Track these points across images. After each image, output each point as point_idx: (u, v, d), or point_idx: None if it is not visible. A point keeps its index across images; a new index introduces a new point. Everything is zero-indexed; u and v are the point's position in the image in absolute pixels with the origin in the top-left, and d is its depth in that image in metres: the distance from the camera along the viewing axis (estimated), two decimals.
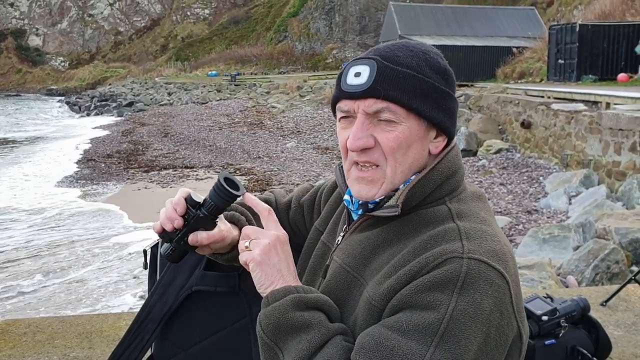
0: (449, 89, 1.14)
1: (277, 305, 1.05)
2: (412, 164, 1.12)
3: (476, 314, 0.96)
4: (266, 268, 1.10)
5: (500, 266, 1.01)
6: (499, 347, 1.00)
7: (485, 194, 1.23)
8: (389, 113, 1.08)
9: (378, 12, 55.01)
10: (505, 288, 1.01)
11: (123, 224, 10.36)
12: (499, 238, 1.06)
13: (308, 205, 1.46)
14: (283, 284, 1.08)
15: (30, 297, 6.83)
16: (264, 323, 1.06)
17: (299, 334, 1.03)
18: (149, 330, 1.55)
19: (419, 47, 1.15)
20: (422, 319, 0.96)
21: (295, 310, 1.05)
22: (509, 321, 1.02)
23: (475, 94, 18.66)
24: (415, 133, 1.10)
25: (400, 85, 1.08)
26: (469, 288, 0.97)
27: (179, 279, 1.55)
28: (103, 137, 23.22)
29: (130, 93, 45.02)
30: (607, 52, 17.82)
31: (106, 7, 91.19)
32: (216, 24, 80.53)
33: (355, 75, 1.10)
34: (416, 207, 1.12)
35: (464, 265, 0.98)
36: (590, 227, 5.96)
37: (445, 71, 1.14)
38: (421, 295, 0.98)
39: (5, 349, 2.54)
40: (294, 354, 1.02)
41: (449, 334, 0.94)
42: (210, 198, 1.20)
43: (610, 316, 2.98)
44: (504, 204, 9.53)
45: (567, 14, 30.34)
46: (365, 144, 1.09)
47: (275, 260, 1.10)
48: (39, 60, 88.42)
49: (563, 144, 11.38)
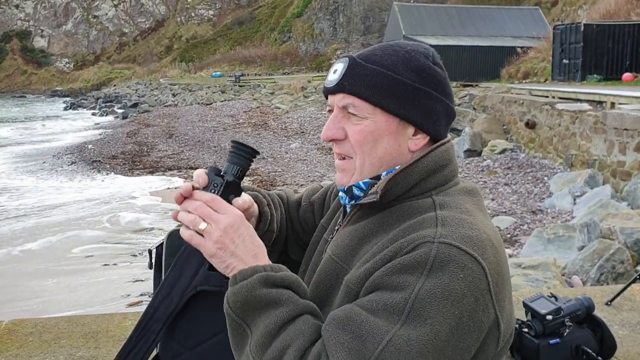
0: (428, 87, 1.15)
1: (244, 284, 1.06)
2: (383, 158, 1.16)
3: (444, 295, 0.97)
4: (223, 257, 1.11)
5: (474, 252, 1.01)
6: (472, 332, 1.00)
7: (478, 190, 1.23)
8: (354, 107, 1.15)
9: (382, 13, 55.00)
10: (481, 274, 1.01)
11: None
12: (478, 227, 1.07)
13: (319, 203, 1.49)
14: (242, 266, 1.09)
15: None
16: (231, 300, 1.06)
17: (267, 310, 1.04)
18: (155, 330, 1.56)
19: (405, 46, 1.18)
20: (391, 298, 0.99)
21: (263, 287, 1.06)
22: (485, 308, 1.02)
23: (479, 94, 18.63)
24: (384, 128, 1.14)
25: (365, 81, 1.13)
26: (438, 271, 0.99)
27: (184, 279, 1.55)
28: (108, 138, 23.29)
29: (135, 94, 45.18)
30: (612, 51, 17.75)
31: (111, 8, 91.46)
32: (220, 25, 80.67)
33: (333, 72, 1.19)
34: (401, 199, 1.14)
35: (434, 249, 1.00)
36: (595, 227, 5.95)
37: (424, 70, 1.15)
38: (392, 277, 1.01)
39: (12, 348, 2.56)
40: (262, 328, 1.03)
41: (414, 313, 0.97)
42: (231, 162, 1.21)
43: (615, 316, 2.97)
44: (509, 204, 9.51)
45: (571, 13, 30.27)
46: (334, 134, 1.18)
47: (231, 247, 1.10)
48: (44, 62, 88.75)
49: (568, 144, 11.35)
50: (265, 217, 1.39)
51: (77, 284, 7.32)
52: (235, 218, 1.12)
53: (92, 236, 9.64)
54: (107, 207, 11.84)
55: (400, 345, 0.95)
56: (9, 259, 8.51)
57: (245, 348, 1.05)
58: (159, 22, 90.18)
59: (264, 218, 1.39)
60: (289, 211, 1.53)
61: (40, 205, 12.26)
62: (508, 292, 1.10)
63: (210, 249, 1.11)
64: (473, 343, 1.02)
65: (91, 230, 10.05)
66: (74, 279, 7.51)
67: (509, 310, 1.09)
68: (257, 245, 1.13)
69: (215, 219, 1.11)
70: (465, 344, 1.00)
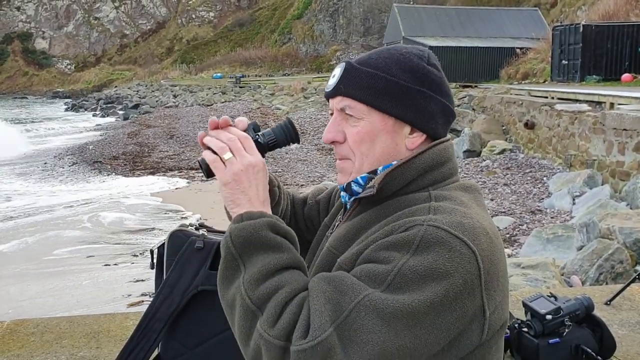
0: (422, 86, 1.18)
1: (252, 223, 1.10)
2: (381, 157, 1.20)
3: (427, 272, 1.00)
4: (234, 190, 1.15)
5: (464, 236, 1.04)
6: (453, 312, 1.02)
7: (478, 187, 1.25)
8: (350, 109, 1.19)
9: (382, 14, 55.00)
10: (471, 257, 1.03)
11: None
12: (471, 216, 1.09)
13: (324, 202, 1.53)
14: (250, 207, 1.13)
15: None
16: (234, 235, 1.09)
17: (268, 252, 1.08)
18: (156, 330, 1.57)
19: (400, 49, 1.22)
20: (375, 268, 1.03)
21: (269, 231, 1.10)
22: (472, 292, 1.03)
23: (478, 95, 18.65)
24: (380, 127, 1.18)
25: (359, 83, 1.18)
26: (423, 250, 1.02)
27: (185, 279, 1.57)
28: (109, 139, 23.31)
29: (136, 95, 45.17)
30: (611, 52, 17.76)
31: (112, 10, 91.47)
32: (221, 26, 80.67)
33: (332, 77, 1.24)
34: (398, 194, 1.17)
35: (422, 230, 1.04)
36: (594, 227, 5.96)
37: (418, 70, 1.18)
38: (379, 252, 1.05)
39: (14, 348, 2.57)
40: (260, 266, 1.07)
41: (395, 285, 1.00)
42: (272, 130, 1.25)
43: (615, 315, 2.98)
44: (508, 204, 9.52)
45: (570, 14, 30.27)
46: (334, 137, 1.22)
47: (246, 185, 1.15)
48: (46, 63, 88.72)
49: (567, 144, 11.37)
50: (274, 196, 1.43)
51: (77, 285, 7.32)
52: (259, 162, 1.17)
53: (74, 236, 9.56)
54: (91, 207, 11.78)
55: (376, 302, 0.99)
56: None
57: (235, 281, 1.08)
58: (160, 24, 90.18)
59: (271, 197, 1.41)
60: (294, 207, 1.56)
61: (31, 207, 12.21)
62: (502, 285, 1.11)
63: (227, 177, 1.15)
64: (453, 323, 1.03)
65: (72, 231, 9.92)
66: (76, 279, 7.51)
67: (500, 302, 1.10)
68: (267, 197, 1.18)
69: (242, 154, 1.16)
70: (443, 322, 1.02)
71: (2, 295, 6.92)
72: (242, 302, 1.05)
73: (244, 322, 1.05)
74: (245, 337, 1.05)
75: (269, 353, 1.01)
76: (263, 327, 1.02)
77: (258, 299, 1.04)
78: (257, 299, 1.04)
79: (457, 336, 1.05)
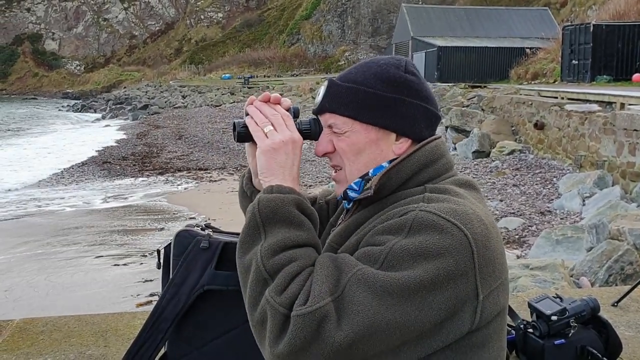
0: (400, 94, 1.24)
1: (280, 197, 1.16)
2: (368, 164, 1.26)
3: (417, 252, 1.06)
4: (270, 159, 1.21)
5: (456, 221, 1.09)
6: (445, 291, 1.06)
7: (474, 182, 1.28)
8: (335, 125, 1.27)
9: (390, 14, 54.92)
10: (463, 240, 1.07)
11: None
12: (465, 204, 1.14)
13: (333, 203, 1.58)
14: (282, 181, 1.19)
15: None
16: (263, 204, 1.15)
17: (290, 227, 1.15)
18: (162, 329, 1.59)
19: (378, 61, 1.29)
20: (371, 250, 1.11)
21: (295, 208, 1.16)
22: (464, 274, 1.07)
23: (488, 95, 18.57)
24: (365, 138, 1.25)
25: (342, 99, 1.26)
26: (415, 232, 1.08)
27: (191, 279, 1.58)
28: (118, 140, 23.43)
29: (145, 96, 45.36)
30: (622, 52, 17.64)
31: (121, 11, 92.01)
32: (229, 27, 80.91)
33: (317, 95, 1.33)
34: (395, 192, 1.23)
35: (413, 214, 1.11)
36: (604, 228, 5.93)
37: (396, 79, 1.24)
38: (375, 237, 1.13)
39: (24, 346, 2.60)
40: (280, 239, 1.13)
41: (387, 263, 1.07)
42: (309, 121, 1.31)
43: (622, 317, 2.97)
44: (517, 205, 9.48)
45: (580, 14, 30.11)
46: (325, 148, 1.30)
47: (283, 157, 1.21)
48: (55, 64, 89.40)
49: (577, 145, 11.30)
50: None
51: (87, 285, 7.37)
52: (298, 141, 1.24)
53: (83, 237, 9.65)
54: (101, 207, 11.91)
55: (368, 276, 1.06)
56: None
57: (254, 247, 1.15)
58: (169, 25, 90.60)
59: None
60: None
61: (42, 207, 12.29)
62: (498, 272, 1.13)
63: (267, 147, 1.21)
64: (444, 303, 1.06)
65: (81, 231, 9.95)
66: (85, 279, 7.56)
67: (496, 289, 1.13)
68: (298, 175, 1.24)
69: (283, 129, 1.23)
70: (434, 301, 1.05)
71: (12, 294, 6.99)
72: (257, 268, 1.12)
73: (255, 287, 1.12)
74: (254, 302, 1.12)
75: (273, 319, 1.07)
76: (271, 294, 1.09)
77: (271, 268, 1.11)
78: (271, 268, 1.11)
79: (448, 317, 1.08)
